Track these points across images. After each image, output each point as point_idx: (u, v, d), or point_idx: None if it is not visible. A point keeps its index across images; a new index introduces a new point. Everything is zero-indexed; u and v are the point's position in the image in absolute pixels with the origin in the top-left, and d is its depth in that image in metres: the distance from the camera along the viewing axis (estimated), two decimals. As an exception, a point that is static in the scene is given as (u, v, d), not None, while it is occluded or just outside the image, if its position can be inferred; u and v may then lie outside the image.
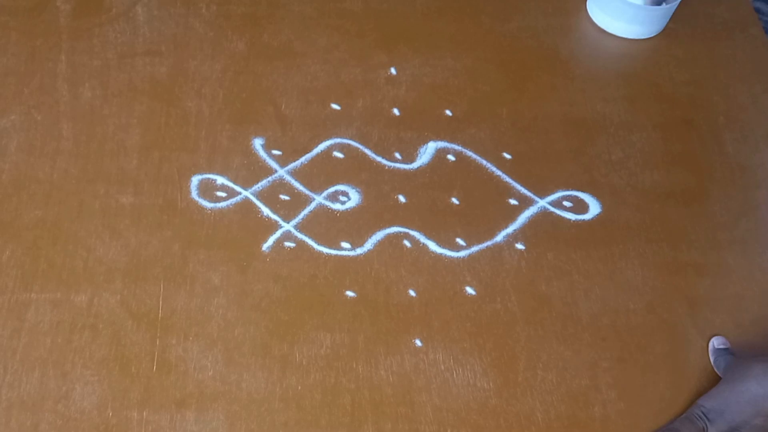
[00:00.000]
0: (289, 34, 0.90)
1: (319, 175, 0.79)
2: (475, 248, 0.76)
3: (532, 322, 0.72)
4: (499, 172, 0.81)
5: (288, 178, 0.79)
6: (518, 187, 0.80)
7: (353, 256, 0.75)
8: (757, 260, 0.77)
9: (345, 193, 0.78)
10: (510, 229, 0.77)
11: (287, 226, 0.76)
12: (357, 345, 0.70)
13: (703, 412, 0.65)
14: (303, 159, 0.80)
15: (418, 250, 0.75)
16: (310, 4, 0.93)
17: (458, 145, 0.82)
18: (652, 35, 0.93)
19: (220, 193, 0.77)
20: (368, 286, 0.73)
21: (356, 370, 0.68)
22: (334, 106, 0.84)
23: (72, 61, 0.86)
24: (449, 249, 0.75)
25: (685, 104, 0.87)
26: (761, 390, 0.63)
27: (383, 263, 0.74)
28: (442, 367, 0.69)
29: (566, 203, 0.79)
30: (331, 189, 0.79)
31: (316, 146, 0.81)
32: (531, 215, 0.78)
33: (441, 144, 0.82)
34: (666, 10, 0.91)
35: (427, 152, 0.82)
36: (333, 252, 0.75)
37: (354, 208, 0.78)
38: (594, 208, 0.79)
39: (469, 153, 0.82)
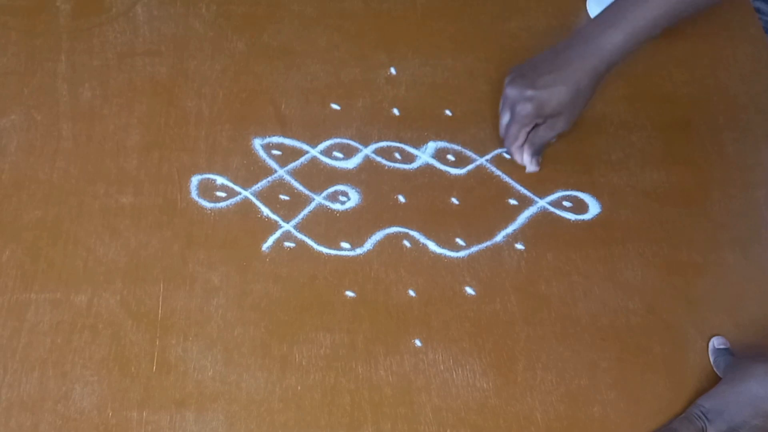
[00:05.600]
0: (289, 34, 0.90)
1: (319, 175, 0.79)
2: (474, 248, 0.76)
3: (531, 323, 0.72)
4: (498, 172, 0.81)
5: (288, 178, 0.79)
6: (518, 187, 0.80)
7: (353, 256, 0.75)
8: (757, 260, 0.77)
9: (345, 193, 0.78)
10: (509, 229, 0.77)
11: (287, 226, 0.76)
12: (356, 345, 0.70)
13: (702, 412, 0.65)
14: (303, 159, 0.80)
15: (418, 250, 0.75)
16: (310, 4, 0.93)
17: (458, 145, 0.82)
18: (652, 35, 0.93)
19: (219, 193, 0.77)
20: (368, 287, 0.73)
21: (356, 370, 0.68)
22: (334, 106, 0.84)
23: (72, 61, 0.86)
24: (449, 249, 0.75)
25: (685, 104, 0.87)
26: (762, 391, 0.63)
27: (383, 263, 0.74)
28: (442, 368, 0.69)
29: (566, 203, 0.79)
30: (331, 189, 0.79)
31: (316, 146, 0.81)
32: (531, 215, 0.78)
33: (441, 144, 0.82)
34: (666, 10, 0.90)
35: (426, 152, 0.82)
36: (333, 252, 0.75)
37: (354, 208, 0.78)
38: (594, 208, 0.79)
39: (469, 153, 0.82)
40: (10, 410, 0.65)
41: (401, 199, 0.78)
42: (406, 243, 0.76)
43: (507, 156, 0.82)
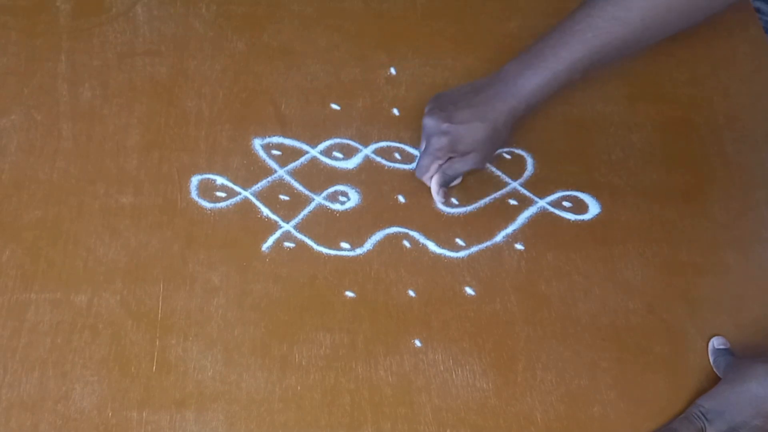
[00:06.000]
0: (289, 34, 0.90)
1: (319, 175, 0.79)
2: (474, 248, 0.76)
3: (531, 323, 0.72)
4: (498, 172, 0.81)
5: (288, 178, 0.79)
6: (518, 187, 0.80)
7: (353, 256, 0.75)
8: (757, 260, 0.77)
9: (344, 193, 0.78)
10: (509, 230, 0.77)
11: (287, 227, 0.76)
12: (356, 345, 0.70)
13: (702, 412, 0.65)
14: (303, 159, 0.80)
15: (418, 251, 0.75)
16: (310, 4, 0.93)
17: (458, 145, 0.82)
18: (652, 35, 0.93)
19: (219, 193, 0.77)
20: (368, 287, 0.73)
21: (356, 370, 0.68)
22: (334, 106, 0.84)
23: (72, 61, 0.86)
24: (449, 249, 0.76)
25: (685, 104, 0.87)
26: (762, 391, 0.63)
27: (383, 263, 0.74)
28: (442, 368, 0.69)
29: (566, 203, 0.79)
30: (331, 189, 0.79)
31: (316, 146, 0.81)
32: (530, 215, 0.78)
33: (441, 144, 0.82)
34: (666, 10, 0.90)
35: (426, 152, 0.82)
36: (332, 252, 0.75)
37: (353, 208, 0.78)
38: (593, 208, 0.79)
39: (469, 153, 0.82)
40: (10, 410, 0.65)
41: (401, 199, 0.78)
42: (406, 243, 0.76)
43: (507, 156, 0.82)
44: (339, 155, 0.81)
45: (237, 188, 0.78)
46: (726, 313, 0.73)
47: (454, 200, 0.78)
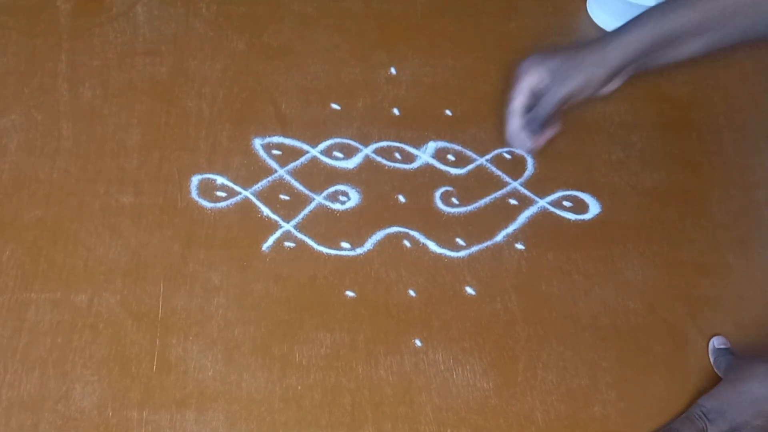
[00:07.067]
0: (289, 34, 0.90)
1: (319, 174, 0.79)
2: (475, 248, 0.76)
3: (532, 322, 0.72)
4: (498, 172, 0.81)
5: (288, 177, 0.79)
6: (518, 187, 0.80)
7: (353, 256, 0.75)
8: (757, 260, 0.77)
9: (345, 193, 0.78)
10: (510, 229, 0.77)
11: (287, 226, 0.76)
12: (357, 345, 0.70)
13: (703, 412, 0.64)
14: (303, 159, 0.80)
15: (418, 250, 0.75)
16: (310, 4, 0.93)
17: (458, 144, 0.82)
18: (652, 35, 0.93)
19: (220, 193, 0.77)
20: (368, 286, 0.73)
21: (356, 369, 0.68)
22: (334, 106, 0.84)
23: (72, 61, 0.86)
24: (449, 249, 0.75)
25: (685, 104, 0.87)
26: (763, 391, 0.63)
27: (383, 263, 0.74)
28: (442, 367, 0.69)
29: (566, 203, 0.79)
30: (331, 189, 0.79)
31: (316, 146, 0.81)
32: (531, 215, 0.78)
33: (441, 144, 0.82)
34: (666, 10, 0.90)
35: (426, 152, 0.82)
36: (333, 252, 0.75)
37: (354, 208, 0.78)
38: (594, 208, 0.79)
39: (469, 153, 0.82)
40: (10, 410, 0.65)
41: (401, 198, 0.78)
42: (407, 243, 0.76)
43: (507, 156, 0.82)
44: (339, 155, 0.81)
45: (237, 188, 0.78)
46: (726, 312, 0.73)
47: (454, 200, 0.78)
